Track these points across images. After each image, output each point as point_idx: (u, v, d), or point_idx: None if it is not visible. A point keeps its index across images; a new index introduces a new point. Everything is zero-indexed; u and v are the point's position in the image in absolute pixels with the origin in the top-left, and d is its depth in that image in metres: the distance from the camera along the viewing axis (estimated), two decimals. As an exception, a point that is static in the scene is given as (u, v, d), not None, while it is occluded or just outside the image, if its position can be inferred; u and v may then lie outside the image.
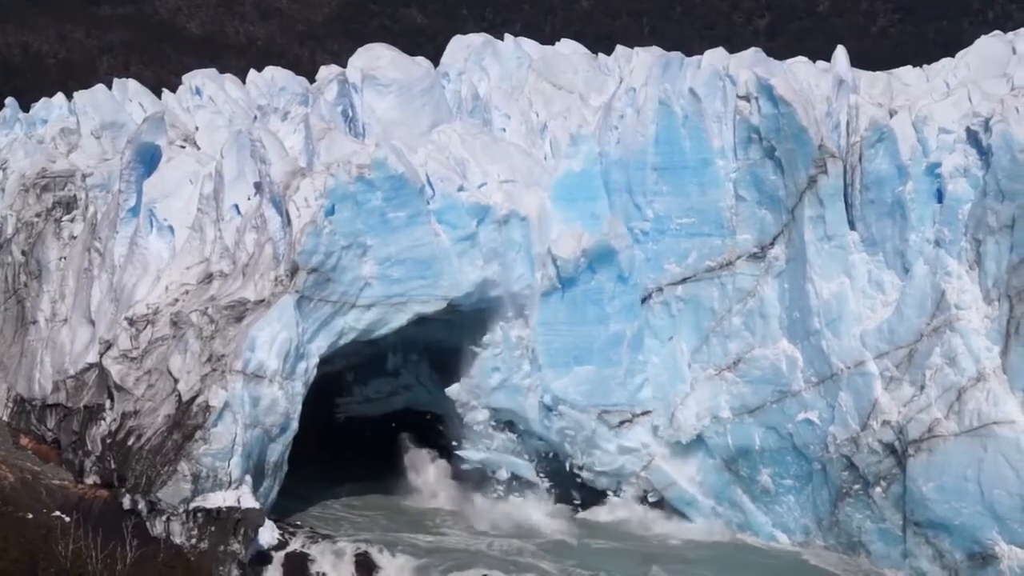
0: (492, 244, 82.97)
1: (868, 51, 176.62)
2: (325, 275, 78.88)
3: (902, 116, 76.68)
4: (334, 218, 79.25)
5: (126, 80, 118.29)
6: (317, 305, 78.90)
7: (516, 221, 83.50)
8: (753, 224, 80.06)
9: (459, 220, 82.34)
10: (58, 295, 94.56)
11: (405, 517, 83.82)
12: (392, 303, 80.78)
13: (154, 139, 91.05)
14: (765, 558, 77.33)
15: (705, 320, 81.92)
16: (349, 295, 79.90)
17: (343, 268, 79.56)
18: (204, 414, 74.25)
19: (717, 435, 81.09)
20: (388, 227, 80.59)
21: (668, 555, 77.01)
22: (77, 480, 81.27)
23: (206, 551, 70.58)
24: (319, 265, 78.59)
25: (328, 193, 79.33)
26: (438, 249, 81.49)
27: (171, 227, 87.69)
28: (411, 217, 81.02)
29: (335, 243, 79.06)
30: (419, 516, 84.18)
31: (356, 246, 79.88)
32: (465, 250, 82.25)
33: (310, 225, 78.19)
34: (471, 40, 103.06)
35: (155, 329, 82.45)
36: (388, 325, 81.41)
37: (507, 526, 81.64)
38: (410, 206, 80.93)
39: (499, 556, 75.78)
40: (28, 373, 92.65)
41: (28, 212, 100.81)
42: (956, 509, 70.54)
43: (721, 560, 76.92)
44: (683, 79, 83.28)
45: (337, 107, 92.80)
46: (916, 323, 73.29)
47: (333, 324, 79.76)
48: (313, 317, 78.83)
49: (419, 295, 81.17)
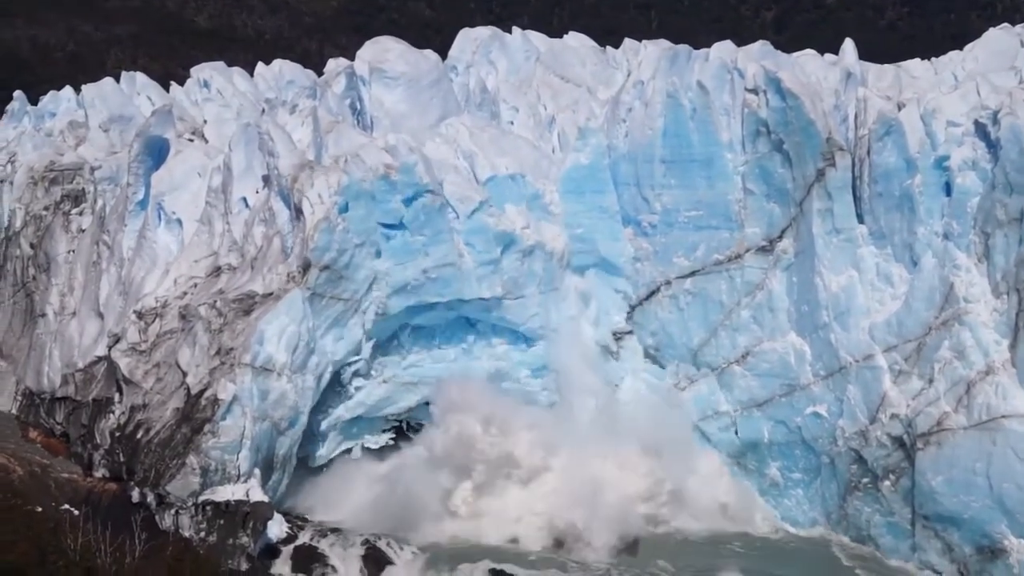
0: (513, 273, 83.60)
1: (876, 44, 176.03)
2: (338, 272, 79.05)
3: (910, 109, 76.47)
4: (348, 215, 79.35)
5: (134, 73, 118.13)
6: (328, 303, 79.07)
7: (540, 254, 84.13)
8: (761, 217, 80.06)
9: (485, 245, 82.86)
10: (67, 288, 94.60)
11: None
12: (404, 309, 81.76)
13: (162, 132, 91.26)
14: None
15: (713, 313, 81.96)
16: (361, 293, 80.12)
17: (356, 266, 79.78)
18: (213, 407, 74.42)
19: (724, 429, 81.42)
20: (408, 240, 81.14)
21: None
22: (86, 473, 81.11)
23: (215, 544, 70.46)
24: (332, 262, 78.75)
25: (342, 190, 79.40)
26: (461, 270, 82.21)
27: (179, 220, 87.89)
28: (435, 235, 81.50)
29: (348, 240, 79.20)
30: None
31: (369, 244, 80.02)
32: (486, 275, 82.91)
33: (324, 222, 78.33)
34: (479, 33, 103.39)
35: (164, 322, 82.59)
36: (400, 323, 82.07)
37: None
38: (433, 225, 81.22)
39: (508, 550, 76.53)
40: (37, 366, 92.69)
41: (36, 205, 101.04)
42: (965, 503, 70.47)
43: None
44: (691, 72, 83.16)
45: (345, 100, 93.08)
46: (925, 316, 73.23)
47: (344, 322, 79.86)
48: (325, 315, 78.94)
49: (431, 300, 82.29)
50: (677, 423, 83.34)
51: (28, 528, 54.37)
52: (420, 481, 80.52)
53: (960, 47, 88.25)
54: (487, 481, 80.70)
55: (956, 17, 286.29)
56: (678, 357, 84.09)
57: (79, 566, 49.64)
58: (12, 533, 51.01)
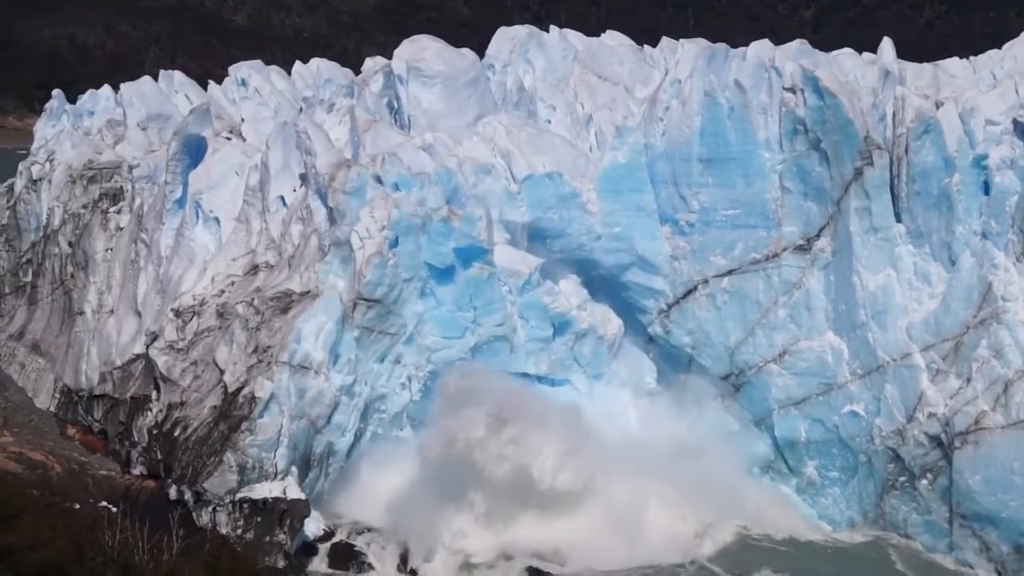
0: (562, 355, 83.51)
1: (914, 42, 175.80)
2: (387, 308, 78.67)
3: (948, 108, 76.40)
4: (397, 250, 79.01)
5: (172, 72, 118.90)
6: (377, 337, 78.73)
7: (592, 337, 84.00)
8: (799, 216, 79.87)
9: (539, 322, 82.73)
10: (105, 286, 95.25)
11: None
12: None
13: (200, 131, 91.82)
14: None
15: (751, 312, 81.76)
16: (408, 329, 79.56)
17: (403, 301, 79.34)
18: (250, 405, 74.58)
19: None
20: (457, 316, 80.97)
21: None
22: (124, 470, 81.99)
23: (252, 541, 70.60)
24: (382, 297, 78.46)
25: (392, 224, 78.99)
26: (512, 344, 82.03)
27: (217, 218, 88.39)
28: (487, 306, 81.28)
29: (398, 276, 78.88)
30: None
31: (417, 280, 79.77)
32: (535, 351, 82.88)
33: (376, 256, 77.94)
34: (516, 32, 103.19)
35: (201, 320, 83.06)
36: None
37: None
38: (485, 297, 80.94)
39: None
40: (75, 364, 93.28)
41: (75, 203, 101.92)
42: (1002, 502, 70.54)
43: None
44: (728, 71, 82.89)
45: (382, 98, 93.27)
46: (962, 315, 73.23)
47: (389, 355, 79.48)
48: (373, 349, 78.68)
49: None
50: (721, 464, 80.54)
51: (66, 525, 54.43)
52: (412, 505, 74.96)
53: (998, 46, 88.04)
54: (492, 509, 74.88)
55: (994, 15, 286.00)
56: (715, 356, 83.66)
57: (117, 563, 49.54)
58: (50, 530, 50.97)
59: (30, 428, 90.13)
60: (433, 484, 74.36)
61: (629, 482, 75.86)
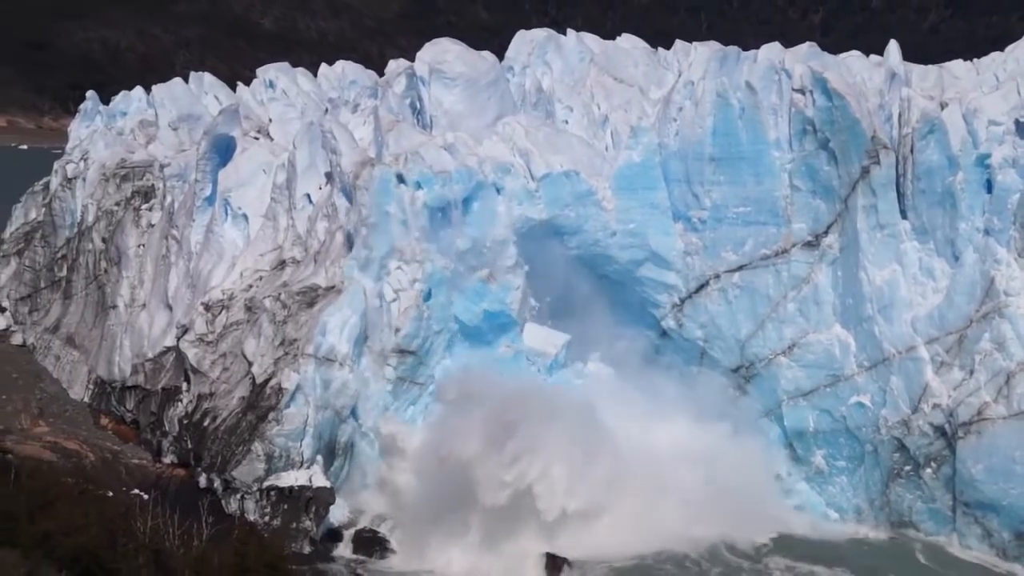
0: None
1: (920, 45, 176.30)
2: (419, 359, 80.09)
3: (952, 108, 77.84)
4: (430, 303, 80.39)
5: (202, 74, 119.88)
6: (409, 387, 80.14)
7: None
8: (808, 213, 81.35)
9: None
10: (137, 281, 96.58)
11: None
12: None
13: (229, 131, 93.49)
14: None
15: (761, 306, 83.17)
16: (435, 380, 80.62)
17: (433, 352, 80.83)
18: (277, 396, 75.78)
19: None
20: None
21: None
22: (155, 459, 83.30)
23: (279, 528, 71.67)
24: (417, 348, 79.92)
25: (426, 277, 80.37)
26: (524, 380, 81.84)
27: (245, 215, 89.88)
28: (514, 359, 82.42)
29: (430, 328, 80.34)
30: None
31: (447, 331, 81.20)
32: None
33: (413, 309, 79.38)
34: (535, 35, 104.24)
35: (230, 314, 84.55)
36: None
37: None
38: (511, 371, 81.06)
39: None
40: (108, 356, 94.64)
41: (108, 201, 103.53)
42: (1004, 490, 72.17)
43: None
44: (740, 73, 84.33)
45: (405, 100, 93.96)
46: (966, 309, 74.75)
47: (416, 401, 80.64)
48: (404, 398, 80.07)
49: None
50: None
51: (99, 512, 54.20)
52: (410, 515, 75.06)
53: (1001, 48, 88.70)
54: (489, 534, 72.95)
55: (997, 19, 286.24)
56: (726, 349, 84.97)
57: (148, 548, 49.58)
58: (84, 516, 50.76)
59: (65, 418, 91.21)
60: (424, 504, 73.45)
61: (644, 494, 74.43)
